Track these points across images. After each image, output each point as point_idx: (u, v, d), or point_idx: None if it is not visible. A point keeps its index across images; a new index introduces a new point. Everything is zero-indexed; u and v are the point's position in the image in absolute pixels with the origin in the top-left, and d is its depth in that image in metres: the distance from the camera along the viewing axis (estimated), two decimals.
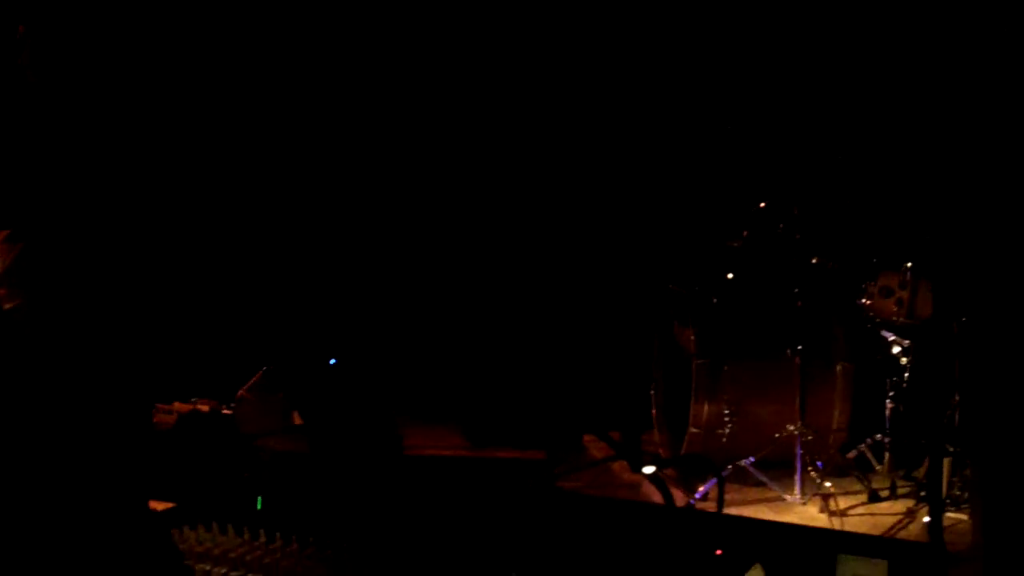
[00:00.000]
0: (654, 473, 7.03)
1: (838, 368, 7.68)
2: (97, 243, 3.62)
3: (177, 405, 7.70)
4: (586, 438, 8.45)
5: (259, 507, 4.91)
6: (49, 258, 3.52)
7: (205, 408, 7.69)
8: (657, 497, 7.44)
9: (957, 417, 6.98)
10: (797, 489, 7.25)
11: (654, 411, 8.11)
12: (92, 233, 3.60)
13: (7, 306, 3.51)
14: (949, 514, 6.82)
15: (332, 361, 8.02)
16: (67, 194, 3.53)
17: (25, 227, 3.52)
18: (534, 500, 4.85)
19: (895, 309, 7.37)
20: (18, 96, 3.59)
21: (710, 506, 7.21)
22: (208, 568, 4.50)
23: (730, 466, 7.35)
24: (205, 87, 8.68)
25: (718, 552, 4.32)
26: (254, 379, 7.79)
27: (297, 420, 7.77)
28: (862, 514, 7.15)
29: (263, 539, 4.70)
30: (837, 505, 7.13)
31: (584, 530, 4.72)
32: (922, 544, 5.69)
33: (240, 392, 7.75)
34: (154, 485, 4.93)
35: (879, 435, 7.59)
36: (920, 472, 7.38)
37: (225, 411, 7.69)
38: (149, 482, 4.37)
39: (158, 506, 4.86)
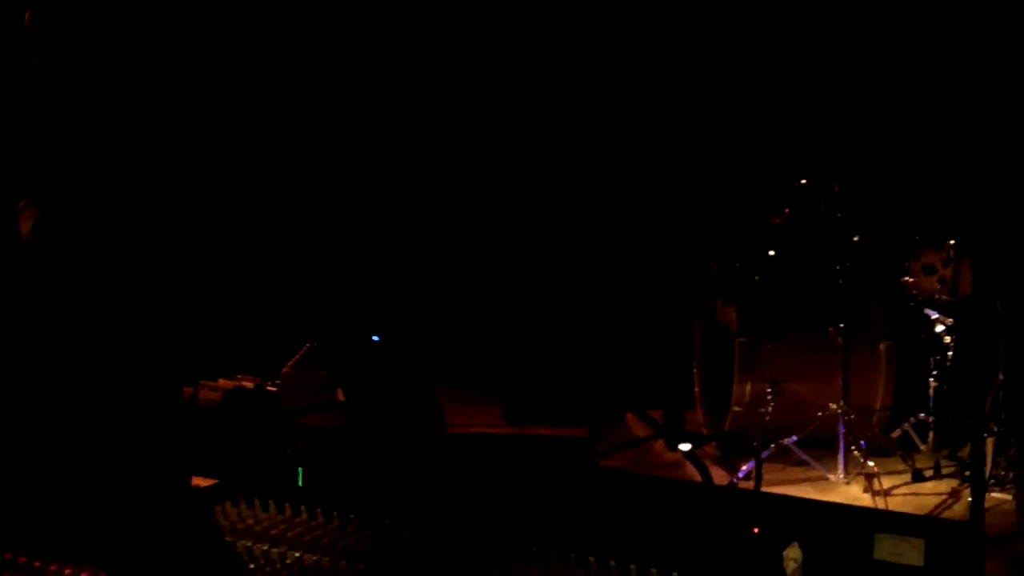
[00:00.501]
0: (691, 451, 6.99)
1: (881, 347, 7.64)
2: (126, 225, 3.63)
3: (222, 382, 7.76)
4: (628, 416, 8.44)
5: (300, 483, 4.95)
6: (77, 230, 3.53)
7: (250, 385, 7.74)
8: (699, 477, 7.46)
9: (1001, 396, 6.93)
10: (840, 469, 7.22)
11: (696, 389, 8.10)
12: (120, 214, 3.62)
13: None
14: (993, 495, 6.75)
15: (375, 338, 8.04)
16: (92, 170, 3.55)
17: (42, 193, 3.54)
18: (573, 477, 4.85)
19: (938, 287, 7.32)
20: (26, 77, 3.62)
21: (752, 486, 7.20)
22: (250, 544, 4.53)
23: (772, 445, 7.33)
24: (227, 56, 8.74)
25: (756, 530, 4.32)
26: (298, 356, 7.83)
27: (340, 397, 7.79)
28: (905, 494, 7.10)
29: (304, 516, 4.74)
30: (880, 485, 7.07)
31: (622, 508, 4.72)
32: (960, 523, 5.68)
33: (284, 369, 7.79)
34: (197, 462, 4.97)
35: (923, 414, 7.54)
36: (965, 452, 7.33)
37: (270, 388, 7.75)
38: (191, 459, 4.40)
39: (201, 483, 4.89)
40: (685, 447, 6.79)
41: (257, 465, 5.14)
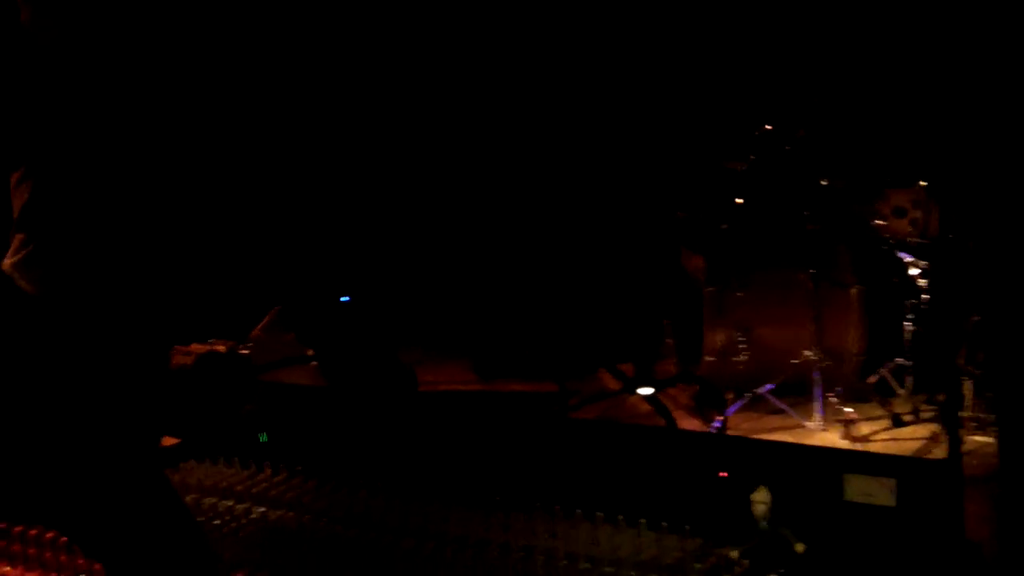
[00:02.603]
0: (652, 395, 6.93)
1: (852, 291, 7.52)
2: (106, 188, 3.58)
3: (195, 346, 7.67)
4: (600, 371, 8.37)
5: (263, 440, 4.89)
6: (60, 199, 3.48)
7: (222, 349, 7.66)
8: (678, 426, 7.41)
9: (978, 337, 6.86)
10: (817, 416, 7.12)
11: (668, 340, 8.03)
12: (100, 178, 3.57)
13: (23, 253, 3.47)
14: (975, 437, 6.69)
15: (344, 299, 7.97)
16: (74, 137, 3.49)
17: (36, 166, 3.49)
18: (540, 431, 4.79)
19: (909, 229, 7.25)
20: (19, 49, 3.55)
21: (729, 435, 7.14)
22: (215, 501, 4.48)
23: (747, 394, 7.26)
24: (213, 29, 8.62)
25: (722, 474, 4.26)
26: (267, 319, 7.76)
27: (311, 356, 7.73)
28: (885, 439, 6.98)
29: (268, 472, 4.68)
30: (859, 431, 7.01)
31: (589, 457, 4.66)
32: (932, 461, 5.61)
33: (254, 332, 7.72)
34: (166, 423, 4.91)
35: (900, 359, 7.47)
36: (943, 395, 7.25)
37: (242, 351, 7.66)
38: (161, 420, 4.32)
39: (167, 442, 4.84)
40: (646, 391, 6.73)
41: (219, 424, 5.08)
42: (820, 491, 4.11)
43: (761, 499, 4.12)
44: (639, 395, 7.30)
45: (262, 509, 4.40)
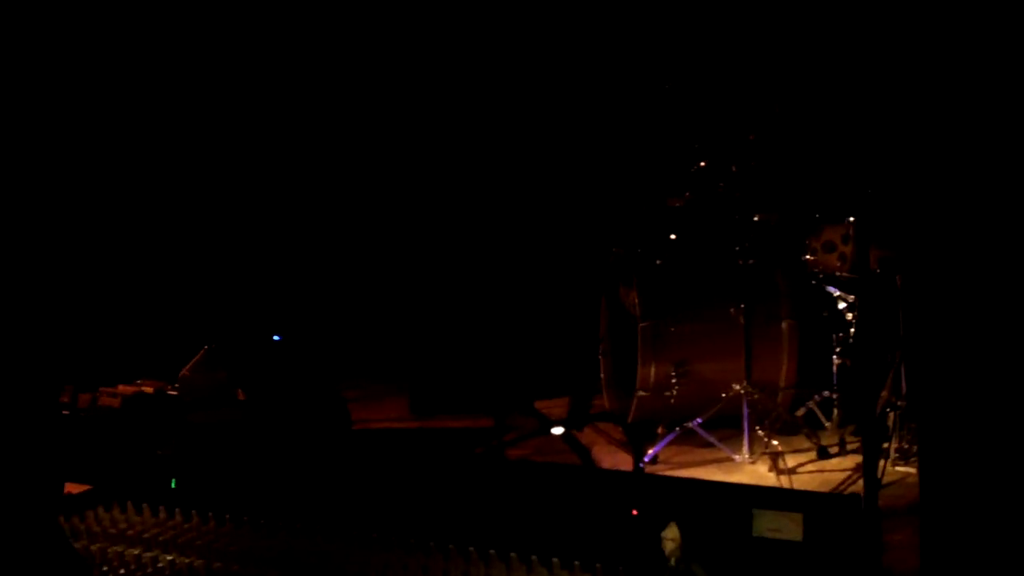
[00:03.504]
0: (565, 433, 6.98)
1: (784, 325, 7.60)
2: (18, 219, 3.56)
3: (121, 387, 7.62)
4: (537, 404, 8.39)
5: (173, 486, 4.86)
6: None
7: (150, 389, 7.61)
8: (609, 461, 7.43)
9: (903, 370, 6.91)
10: (745, 449, 7.19)
11: (602, 375, 8.05)
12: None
13: None
14: (898, 468, 6.77)
15: (276, 337, 7.94)
16: None
17: None
18: (457, 468, 4.79)
19: (838, 264, 7.30)
20: None
21: (659, 469, 7.17)
22: (122, 549, 4.44)
23: (678, 428, 7.29)
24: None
25: (634, 512, 4.28)
26: (196, 358, 7.71)
27: (241, 397, 7.69)
28: (811, 472, 7.07)
29: (179, 518, 4.65)
30: (786, 464, 7.06)
31: (506, 495, 4.66)
32: (837, 496, 5.64)
33: (183, 372, 7.67)
34: (71, 467, 4.87)
35: (827, 391, 7.53)
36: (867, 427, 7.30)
37: (170, 391, 7.62)
38: (63, 466, 4.30)
39: (74, 489, 4.79)
40: (557, 431, 6.77)
41: (133, 468, 5.05)
42: (730, 527, 4.13)
43: (671, 536, 4.14)
44: (552, 434, 7.36)
45: (170, 557, 4.36)
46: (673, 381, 7.48)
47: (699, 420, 7.29)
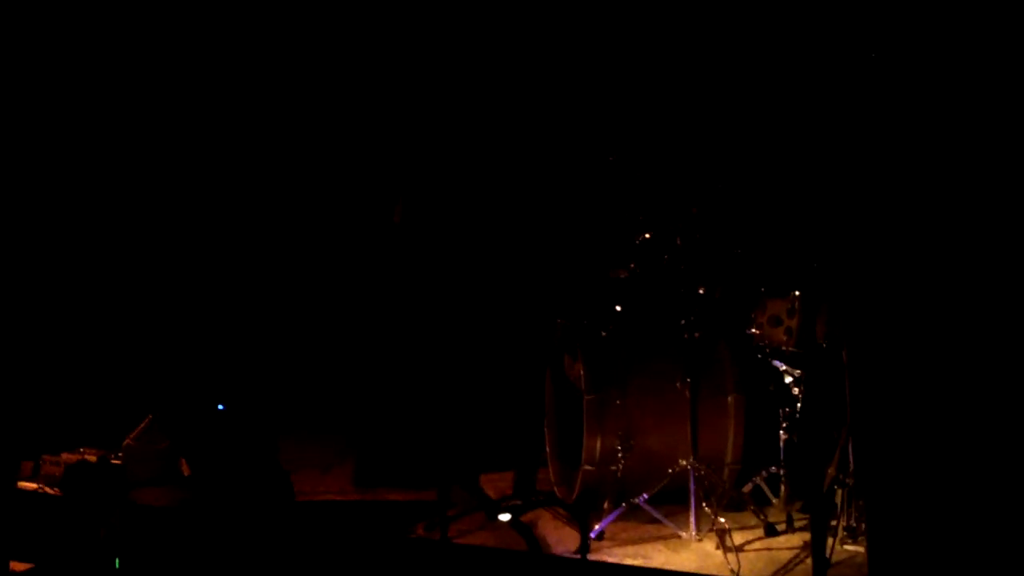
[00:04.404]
0: (512, 519, 6.94)
1: (729, 399, 7.57)
2: None
3: (64, 456, 7.53)
4: (483, 477, 8.34)
5: (117, 567, 4.77)
6: None
7: (93, 458, 7.52)
8: (555, 537, 7.40)
9: (850, 446, 6.91)
10: (692, 525, 7.15)
11: (547, 448, 8.01)
12: None
13: None
14: (847, 547, 6.74)
15: (220, 407, 7.87)
16: None
17: None
18: (395, 550, 4.75)
19: (784, 338, 7.31)
20: None
21: (605, 545, 7.13)
22: None
23: (624, 504, 7.26)
24: None
25: None
26: (140, 427, 7.64)
27: (184, 468, 7.61)
28: (758, 549, 7.04)
29: None
30: (733, 541, 7.02)
31: None
32: None
33: (126, 440, 7.59)
34: (16, 545, 4.78)
35: (774, 467, 7.52)
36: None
37: (114, 460, 7.54)
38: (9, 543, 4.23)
39: (18, 567, 4.71)
40: (504, 517, 6.73)
41: (76, 547, 4.96)
42: None
43: None
44: (500, 521, 7.33)
45: None
46: (619, 455, 7.44)
47: (645, 496, 7.25)
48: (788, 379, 7.46)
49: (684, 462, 7.24)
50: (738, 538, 7.08)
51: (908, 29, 6.05)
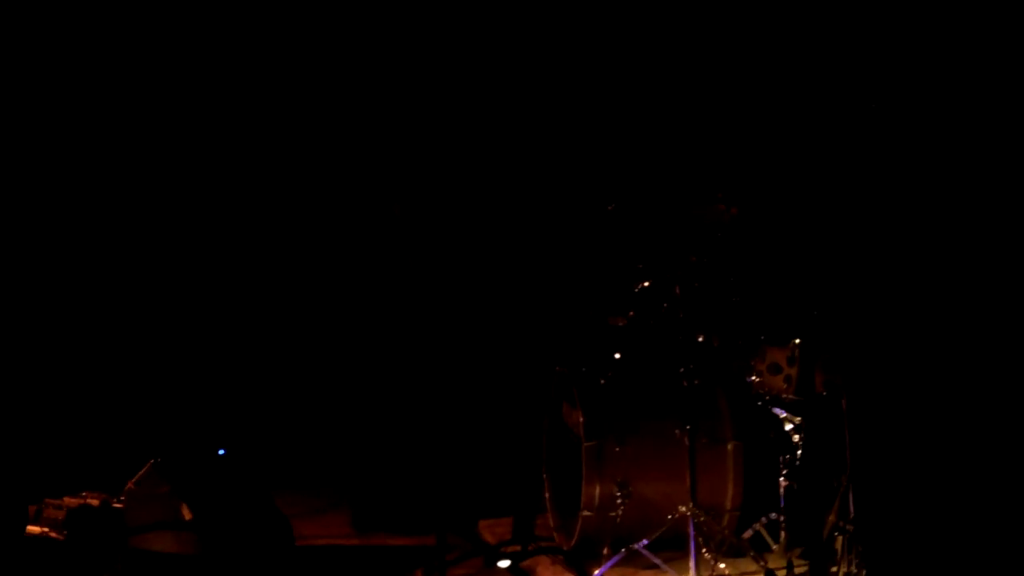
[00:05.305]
0: (511, 566, 6.99)
1: (729, 446, 7.61)
2: None
3: (67, 500, 7.55)
4: (482, 523, 8.36)
5: None
6: None
7: (95, 502, 7.54)
8: None
9: (850, 494, 6.93)
10: (692, 572, 7.15)
11: (546, 494, 8.03)
12: None
13: None
14: None
15: (221, 452, 7.89)
16: None
17: None
18: None
19: (784, 386, 7.35)
20: None
21: None
22: None
23: (623, 550, 7.28)
24: None
25: None
26: (142, 472, 7.65)
27: (186, 512, 7.61)
28: None
29: None
30: None
31: None
32: None
33: (128, 485, 7.60)
34: None
35: (774, 514, 7.54)
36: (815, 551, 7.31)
37: (116, 504, 7.54)
38: None
39: None
40: (503, 564, 6.78)
41: None
42: None
43: None
44: (498, 567, 7.35)
45: None
46: (618, 501, 7.46)
47: (645, 541, 7.27)
48: (788, 426, 7.48)
49: (683, 508, 7.26)
50: None
51: (905, 80, 6.14)
